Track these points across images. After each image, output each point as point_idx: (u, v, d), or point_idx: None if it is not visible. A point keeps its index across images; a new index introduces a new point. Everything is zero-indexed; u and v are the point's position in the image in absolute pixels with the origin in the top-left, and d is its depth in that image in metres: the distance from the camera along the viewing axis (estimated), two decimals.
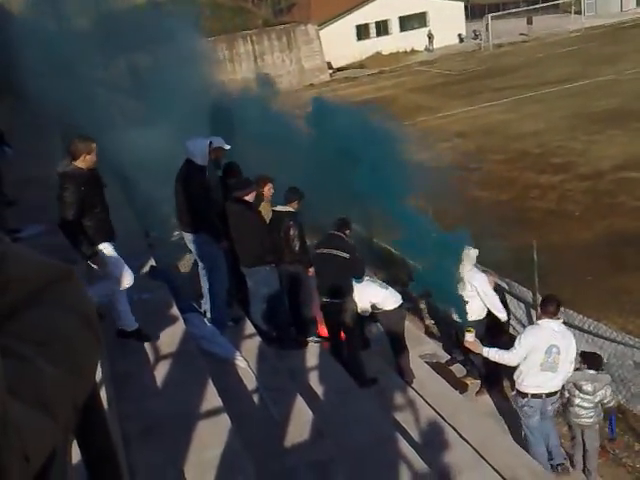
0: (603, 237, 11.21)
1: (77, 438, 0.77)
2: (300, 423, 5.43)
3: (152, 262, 7.52)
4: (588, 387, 6.07)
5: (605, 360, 6.57)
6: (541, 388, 6.16)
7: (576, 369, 6.16)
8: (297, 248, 7.01)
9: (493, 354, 6.43)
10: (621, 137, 16.76)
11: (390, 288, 7.56)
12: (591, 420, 6.18)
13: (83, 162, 5.27)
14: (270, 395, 5.79)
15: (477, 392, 7.69)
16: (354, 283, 7.12)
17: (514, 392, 6.52)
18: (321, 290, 7.23)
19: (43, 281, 0.73)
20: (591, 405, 6.12)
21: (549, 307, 6.06)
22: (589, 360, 6.16)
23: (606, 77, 23.97)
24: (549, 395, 6.18)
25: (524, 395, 6.23)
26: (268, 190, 7.46)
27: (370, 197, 8.40)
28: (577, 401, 6.16)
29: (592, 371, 6.08)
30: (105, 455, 0.85)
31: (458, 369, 8.08)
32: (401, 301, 7.45)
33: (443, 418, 6.58)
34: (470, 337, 6.54)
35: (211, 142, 7.30)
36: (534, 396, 6.20)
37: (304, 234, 7.29)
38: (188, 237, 6.83)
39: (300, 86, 33.03)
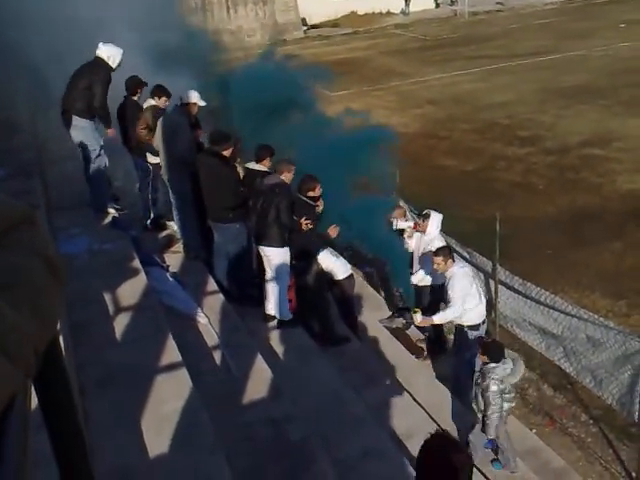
0: (565, 212, 11.39)
1: (35, 385, 0.76)
2: (258, 380, 5.47)
3: (114, 213, 7.42)
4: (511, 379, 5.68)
5: (559, 333, 6.73)
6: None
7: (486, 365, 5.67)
8: None
9: (441, 317, 6.77)
10: (588, 113, 16.93)
11: (341, 258, 7.60)
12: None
13: (288, 176, 6.66)
14: (230, 352, 5.80)
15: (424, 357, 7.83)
16: None
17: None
18: None
19: (4, 223, 0.70)
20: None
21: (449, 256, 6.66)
22: (492, 352, 5.67)
23: (577, 52, 24.06)
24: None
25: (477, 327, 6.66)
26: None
27: None
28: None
29: (502, 366, 5.60)
30: (63, 403, 0.84)
31: (414, 333, 8.19)
32: (350, 271, 7.52)
33: (399, 382, 6.70)
34: (419, 317, 6.77)
35: (181, 97, 7.25)
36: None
37: None
38: None
39: (273, 41, 32.42)
